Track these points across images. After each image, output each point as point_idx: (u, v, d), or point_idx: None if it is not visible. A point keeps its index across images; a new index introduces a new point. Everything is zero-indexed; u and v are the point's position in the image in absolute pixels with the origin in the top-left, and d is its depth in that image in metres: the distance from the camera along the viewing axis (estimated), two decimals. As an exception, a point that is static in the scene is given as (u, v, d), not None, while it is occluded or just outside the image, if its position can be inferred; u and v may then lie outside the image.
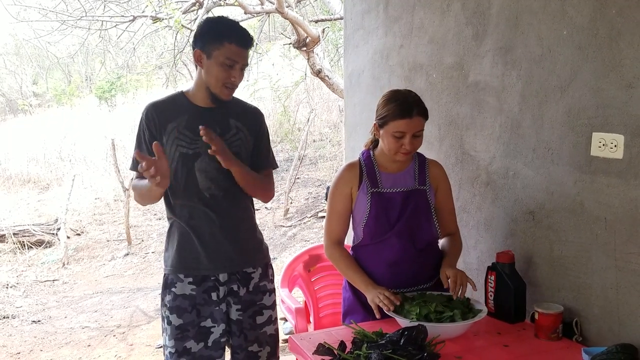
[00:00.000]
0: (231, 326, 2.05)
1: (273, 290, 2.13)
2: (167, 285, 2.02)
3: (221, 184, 1.96)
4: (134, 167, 2.00)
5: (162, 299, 2.03)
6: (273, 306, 2.12)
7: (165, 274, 2.04)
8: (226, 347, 2.08)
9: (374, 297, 1.90)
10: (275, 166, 2.16)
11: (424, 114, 1.93)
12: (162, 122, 1.95)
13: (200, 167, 1.94)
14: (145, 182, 1.89)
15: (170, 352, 1.99)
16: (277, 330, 2.13)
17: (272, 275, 2.15)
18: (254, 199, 2.12)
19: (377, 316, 1.92)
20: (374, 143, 2.08)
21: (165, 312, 2.01)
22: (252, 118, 2.07)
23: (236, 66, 1.90)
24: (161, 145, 1.91)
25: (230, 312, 2.04)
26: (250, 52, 1.99)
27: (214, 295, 1.99)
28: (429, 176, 2.05)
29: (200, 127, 1.82)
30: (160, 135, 1.95)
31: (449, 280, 1.88)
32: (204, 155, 1.92)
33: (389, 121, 1.91)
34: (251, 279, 2.05)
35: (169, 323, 1.99)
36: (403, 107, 1.89)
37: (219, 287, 2.00)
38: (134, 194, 2.04)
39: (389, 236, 1.98)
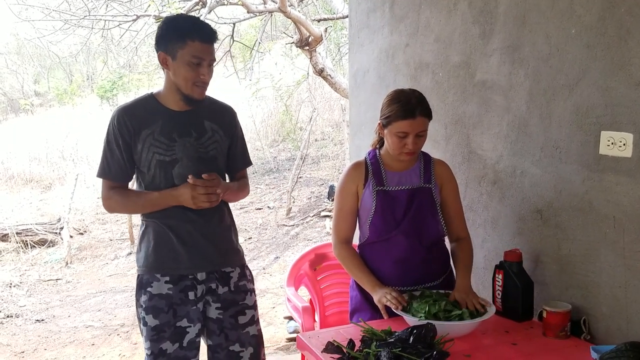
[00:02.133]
0: (209, 325, 2.00)
1: (253, 291, 2.10)
2: (142, 286, 1.96)
3: None
4: (106, 174, 1.94)
5: (137, 300, 1.98)
6: (255, 306, 2.08)
7: (139, 275, 1.99)
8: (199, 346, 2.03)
9: (381, 297, 1.90)
10: (250, 163, 2.15)
11: (427, 114, 1.94)
12: (136, 128, 1.89)
13: (178, 172, 1.90)
14: (142, 195, 1.92)
15: (147, 354, 1.94)
16: (259, 331, 2.08)
17: (250, 275, 2.11)
18: None
19: (385, 317, 1.92)
20: (380, 142, 2.09)
21: (140, 312, 1.96)
22: (227, 117, 2.04)
23: (203, 63, 1.85)
24: (137, 153, 1.89)
25: (209, 311, 1.99)
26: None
27: (191, 295, 1.95)
28: (434, 174, 2.05)
29: (190, 176, 1.84)
30: (134, 142, 1.90)
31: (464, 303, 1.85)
32: (181, 161, 1.90)
33: (392, 121, 1.93)
34: (230, 279, 2.02)
35: (145, 324, 1.93)
36: (406, 107, 1.90)
37: (197, 285, 1.96)
38: (114, 204, 1.97)
39: (395, 234, 1.99)
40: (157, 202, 1.91)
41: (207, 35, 1.85)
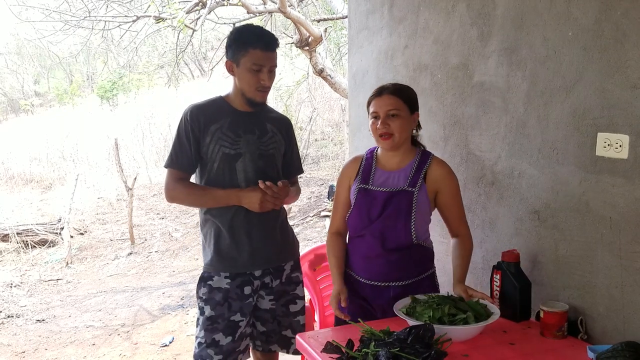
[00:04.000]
0: (262, 314, 2.16)
1: (302, 282, 2.28)
2: (203, 279, 2.13)
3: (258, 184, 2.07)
4: (174, 164, 2.09)
5: (197, 292, 2.14)
6: (304, 297, 2.28)
7: (203, 271, 2.15)
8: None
9: (333, 297, 2.01)
10: (302, 171, 2.34)
11: (397, 93, 2.00)
12: (206, 123, 2.06)
13: (241, 167, 2.07)
14: (207, 190, 2.06)
15: (199, 343, 2.10)
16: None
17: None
18: None
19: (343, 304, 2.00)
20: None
21: (200, 303, 2.12)
22: (284, 125, 2.24)
23: (264, 69, 2.03)
24: (205, 145, 2.06)
25: (261, 303, 2.17)
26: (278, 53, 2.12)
27: (247, 290, 2.11)
28: (428, 178, 2.03)
29: (260, 182, 2.01)
30: (203, 135, 2.06)
31: (472, 293, 1.92)
32: (244, 155, 2.06)
33: (367, 106, 2.04)
34: (283, 271, 2.20)
35: (202, 314, 2.10)
36: (376, 89, 2.03)
37: (253, 280, 2.12)
38: (178, 194, 2.11)
39: (365, 232, 2.04)
40: (221, 199, 2.06)
41: (267, 43, 2.02)
